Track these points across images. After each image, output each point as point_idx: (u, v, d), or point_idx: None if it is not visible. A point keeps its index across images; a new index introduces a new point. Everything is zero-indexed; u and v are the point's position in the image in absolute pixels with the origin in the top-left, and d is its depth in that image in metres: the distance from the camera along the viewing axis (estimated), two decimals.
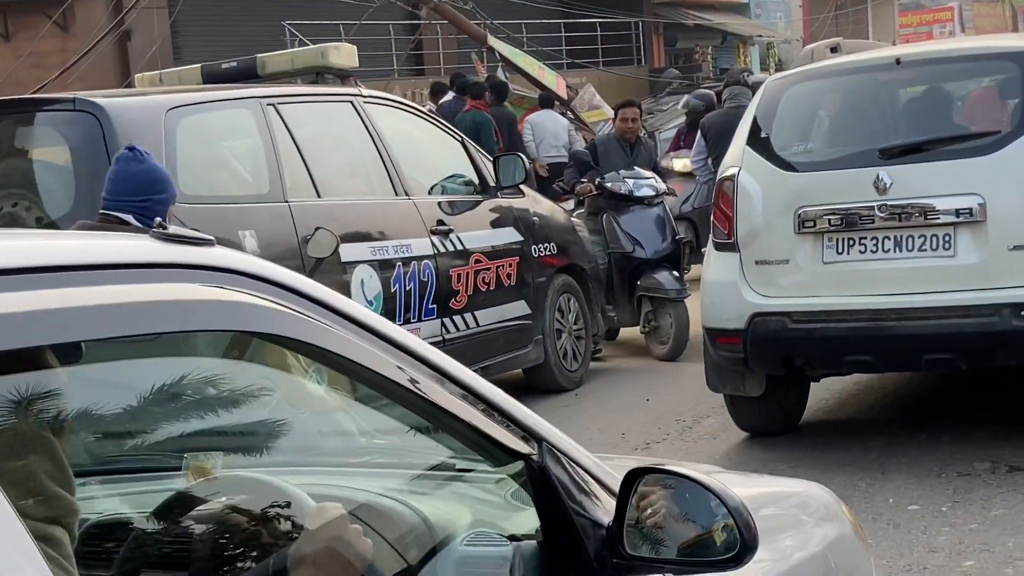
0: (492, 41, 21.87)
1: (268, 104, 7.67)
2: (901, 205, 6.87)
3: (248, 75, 9.02)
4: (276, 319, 2.12)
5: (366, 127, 8.31)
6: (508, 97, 18.43)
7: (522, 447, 2.41)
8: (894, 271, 6.94)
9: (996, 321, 6.63)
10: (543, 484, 2.39)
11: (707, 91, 15.10)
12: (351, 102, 8.42)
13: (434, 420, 2.48)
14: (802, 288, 7.12)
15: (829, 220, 7.02)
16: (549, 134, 17.59)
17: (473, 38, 22.84)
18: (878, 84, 7.61)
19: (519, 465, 2.43)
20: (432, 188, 8.89)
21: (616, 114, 11.55)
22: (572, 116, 20.85)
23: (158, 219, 2.27)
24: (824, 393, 8.54)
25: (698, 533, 2.35)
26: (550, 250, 9.57)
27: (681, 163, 14.05)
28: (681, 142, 15.38)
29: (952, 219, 6.78)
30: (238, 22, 25.88)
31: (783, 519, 2.92)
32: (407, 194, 8.41)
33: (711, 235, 7.64)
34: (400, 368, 2.28)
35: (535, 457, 2.39)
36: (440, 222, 8.48)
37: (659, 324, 10.29)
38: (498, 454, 2.46)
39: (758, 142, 7.42)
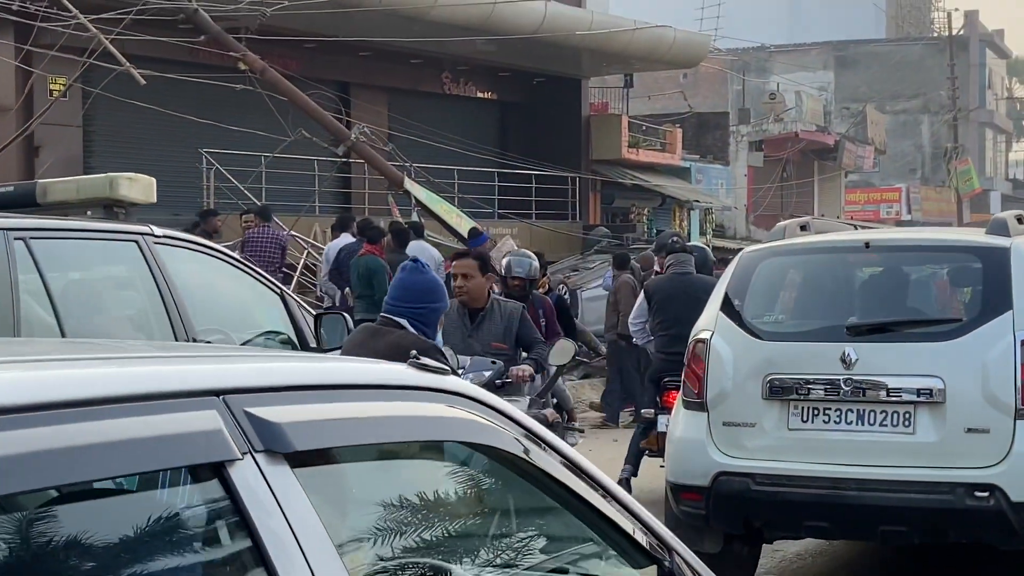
0: (408, 185, 22.49)
1: (16, 238, 6.91)
2: (865, 381, 7.77)
3: (26, 202, 8.36)
4: (491, 434, 2.91)
5: (152, 273, 7.59)
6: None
7: (658, 553, 3.10)
8: (855, 443, 7.80)
9: (951, 499, 7.48)
10: None
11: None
12: (136, 242, 7.61)
13: (590, 523, 3.12)
14: (766, 452, 7.98)
15: (796, 389, 7.92)
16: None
17: (390, 180, 23.50)
18: (847, 264, 8.63)
19: (653, 569, 3.10)
20: (244, 346, 8.16)
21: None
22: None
23: (414, 352, 3.07)
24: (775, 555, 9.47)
25: None
26: None
27: None
28: None
29: (913, 398, 7.68)
30: (155, 145, 26.39)
31: None
32: None
33: (680, 394, 8.53)
34: (576, 478, 3.04)
35: (667, 563, 3.09)
36: None
37: None
38: (638, 557, 3.13)
39: (731, 309, 8.34)
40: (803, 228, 9.21)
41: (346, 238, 18.97)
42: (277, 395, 2.42)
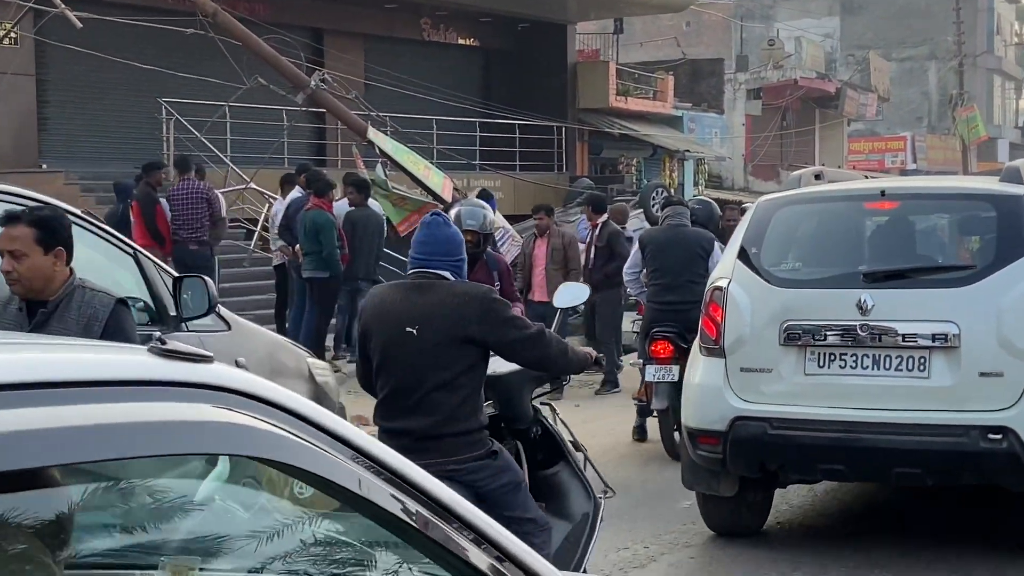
0: (372, 135, 22.57)
1: None
2: (881, 327, 8.46)
3: None
4: (273, 443, 2.37)
5: None
6: (389, 196, 19.47)
7: None
8: (871, 387, 8.50)
9: (964, 441, 8.18)
10: None
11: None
12: None
13: (425, 551, 2.69)
14: (783, 397, 8.68)
15: (813, 335, 8.62)
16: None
17: (353, 130, 23.72)
18: (863, 212, 9.33)
19: None
20: None
21: None
22: None
23: (157, 333, 2.65)
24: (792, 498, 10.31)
25: None
26: None
27: None
28: None
29: (928, 343, 8.36)
30: (112, 95, 26.88)
31: None
32: None
33: (698, 340, 9.24)
34: (394, 497, 2.55)
35: None
36: None
37: None
38: None
39: (748, 257, 9.05)
40: (818, 177, 9.95)
41: (297, 192, 18.96)
42: None
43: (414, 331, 6.36)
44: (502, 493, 6.31)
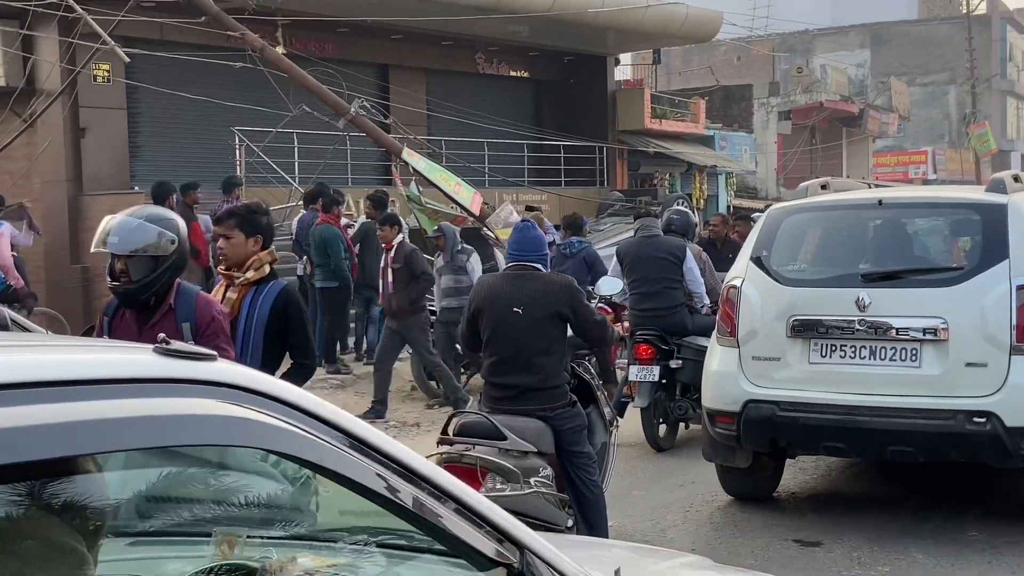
0: (406, 155, 22.40)
1: None
2: (877, 322, 8.73)
3: None
4: (275, 436, 2.31)
5: None
6: (424, 210, 19.56)
7: (504, 555, 2.73)
8: (868, 375, 8.75)
9: (951, 424, 8.44)
10: None
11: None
12: None
13: (425, 528, 2.76)
14: (790, 382, 8.98)
15: (816, 328, 8.91)
16: None
17: (390, 151, 23.62)
18: (863, 219, 9.57)
19: (501, 572, 2.74)
20: None
21: None
22: (492, 234, 21.67)
23: (162, 335, 2.48)
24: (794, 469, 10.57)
25: None
26: None
27: None
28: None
29: (919, 336, 8.62)
30: (193, 125, 27.24)
31: None
32: None
33: (715, 332, 9.53)
34: (387, 480, 2.55)
35: (516, 566, 2.73)
36: None
37: None
38: (481, 561, 2.74)
39: (760, 259, 9.34)
40: (823, 187, 10.15)
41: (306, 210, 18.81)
42: None
43: (520, 311, 7.62)
44: (571, 432, 7.67)
